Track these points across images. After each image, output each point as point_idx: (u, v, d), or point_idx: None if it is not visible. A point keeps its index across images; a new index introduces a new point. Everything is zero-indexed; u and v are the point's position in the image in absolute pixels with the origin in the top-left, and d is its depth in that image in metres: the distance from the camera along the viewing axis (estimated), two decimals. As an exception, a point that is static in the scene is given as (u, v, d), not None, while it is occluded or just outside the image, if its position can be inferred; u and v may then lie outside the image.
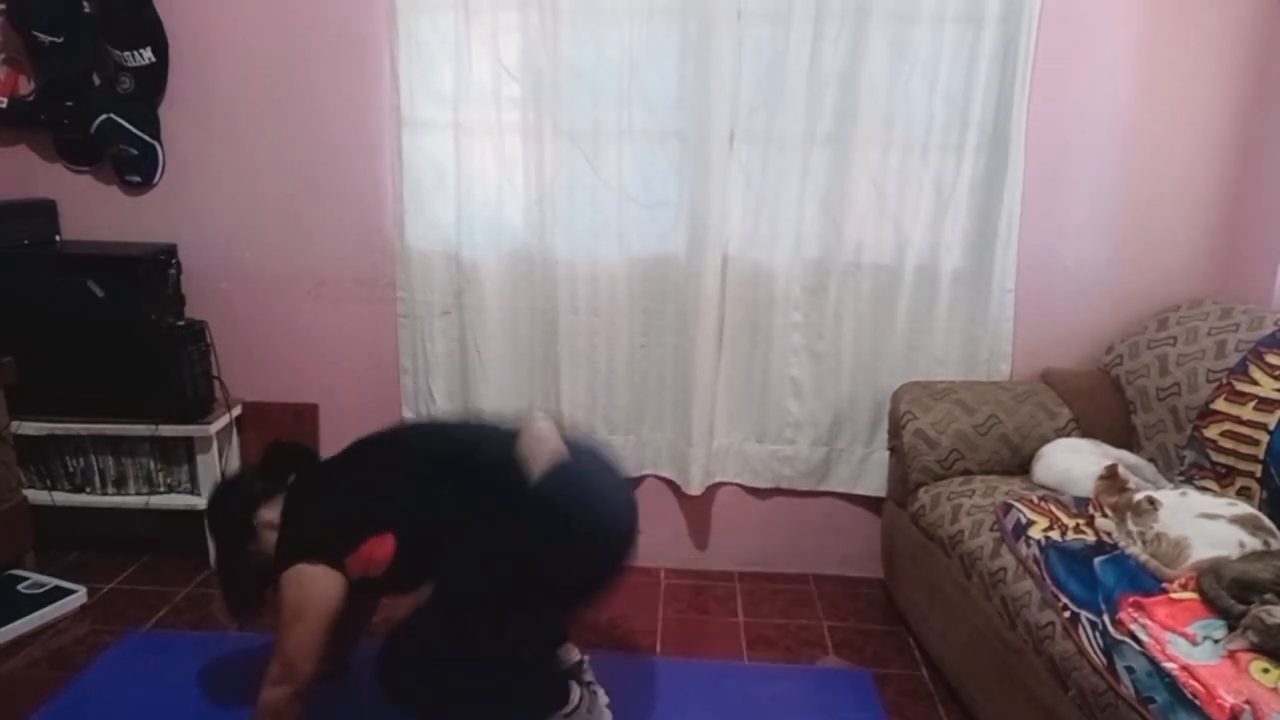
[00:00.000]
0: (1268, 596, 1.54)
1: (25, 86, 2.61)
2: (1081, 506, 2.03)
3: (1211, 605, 1.59)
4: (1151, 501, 1.85)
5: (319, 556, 1.74)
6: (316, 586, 1.72)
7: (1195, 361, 2.23)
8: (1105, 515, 1.93)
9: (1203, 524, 1.77)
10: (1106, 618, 1.62)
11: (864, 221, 2.55)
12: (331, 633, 1.74)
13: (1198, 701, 1.40)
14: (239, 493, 1.92)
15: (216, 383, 2.68)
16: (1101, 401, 2.43)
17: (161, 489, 2.69)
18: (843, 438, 2.70)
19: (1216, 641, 1.51)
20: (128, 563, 2.73)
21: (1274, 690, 1.39)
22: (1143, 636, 1.54)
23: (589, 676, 2.04)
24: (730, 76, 2.43)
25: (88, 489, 2.69)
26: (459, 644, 1.72)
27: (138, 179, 2.65)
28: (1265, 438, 1.96)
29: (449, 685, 1.74)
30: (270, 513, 1.84)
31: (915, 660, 2.37)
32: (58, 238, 2.68)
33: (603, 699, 2.03)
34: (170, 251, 2.64)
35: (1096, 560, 1.77)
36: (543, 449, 1.83)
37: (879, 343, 2.62)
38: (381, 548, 1.74)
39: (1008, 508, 2.03)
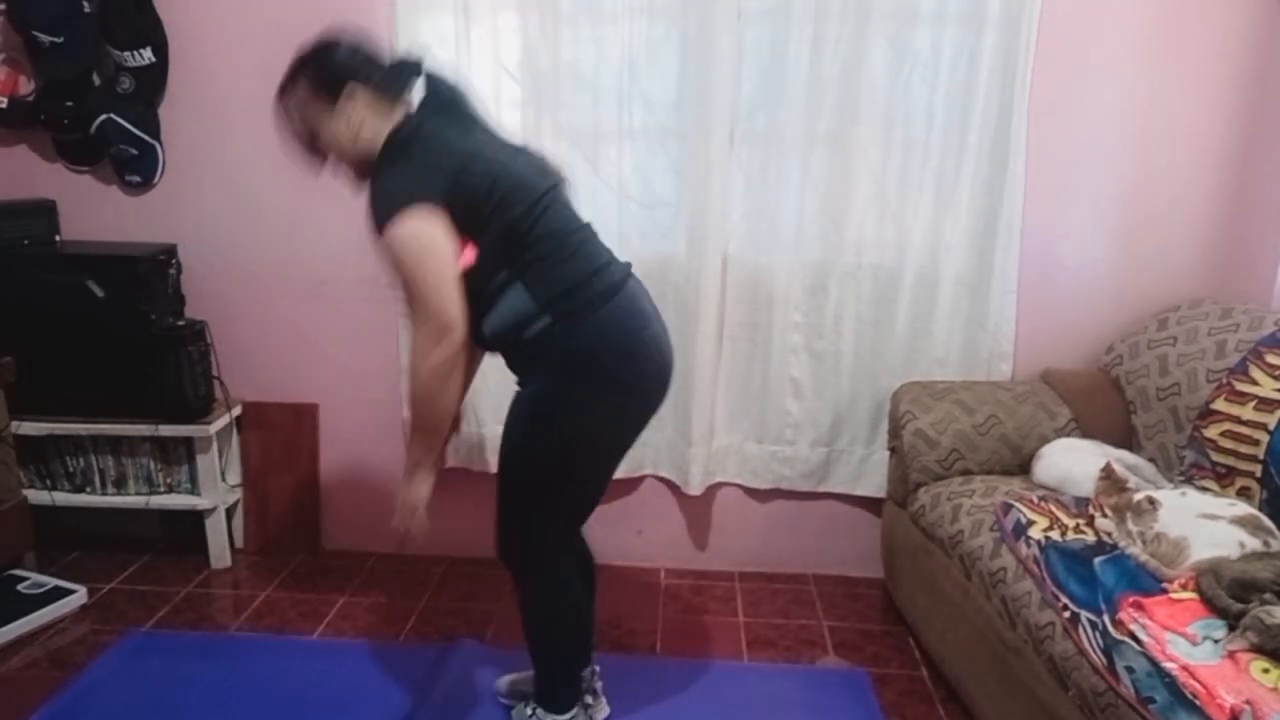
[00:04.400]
0: (1267, 596, 1.54)
1: (25, 86, 2.61)
2: (1081, 506, 2.03)
3: (1210, 605, 1.59)
4: (1151, 501, 1.85)
5: (429, 202, 1.59)
6: (437, 230, 1.60)
7: (1195, 361, 2.23)
8: (1105, 515, 1.93)
9: (1203, 524, 1.77)
10: (1106, 618, 1.62)
11: (864, 222, 2.55)
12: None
13: (1198, 701, 1.40)
14: (355, 56, 1.73)
15: (216, 383, 2.68)
16: (1101, 401, 2.43)
17: (161, 489, 2.70)
18: (843, 438, 2.70)
19: (1216, 641, 1.51)
20: (128, 563, 2.73)
21: (1274, 690, 1.39)
22: (1143, 636, 1.54)
23: (590, 696, 2.03)
24: (730, 76, 2.43)
25: (88, 489, 2.69)
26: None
27: (138, 179, 2.65)
28: (1265, 438, 1.96)
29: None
30: (365, 106, 1.69)
31: (915, 660, 2.37)
32: (58, 238, 2.68)
33: (603, 712, 2.04)
34: (170, 251, 2.64)
35: (1096, 560, 1.77)
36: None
37: (879, 343, 2.62)
38: (466, 253, 1.65)
39: (1008, 508, 2.03)
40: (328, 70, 1.70)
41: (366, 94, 1.70)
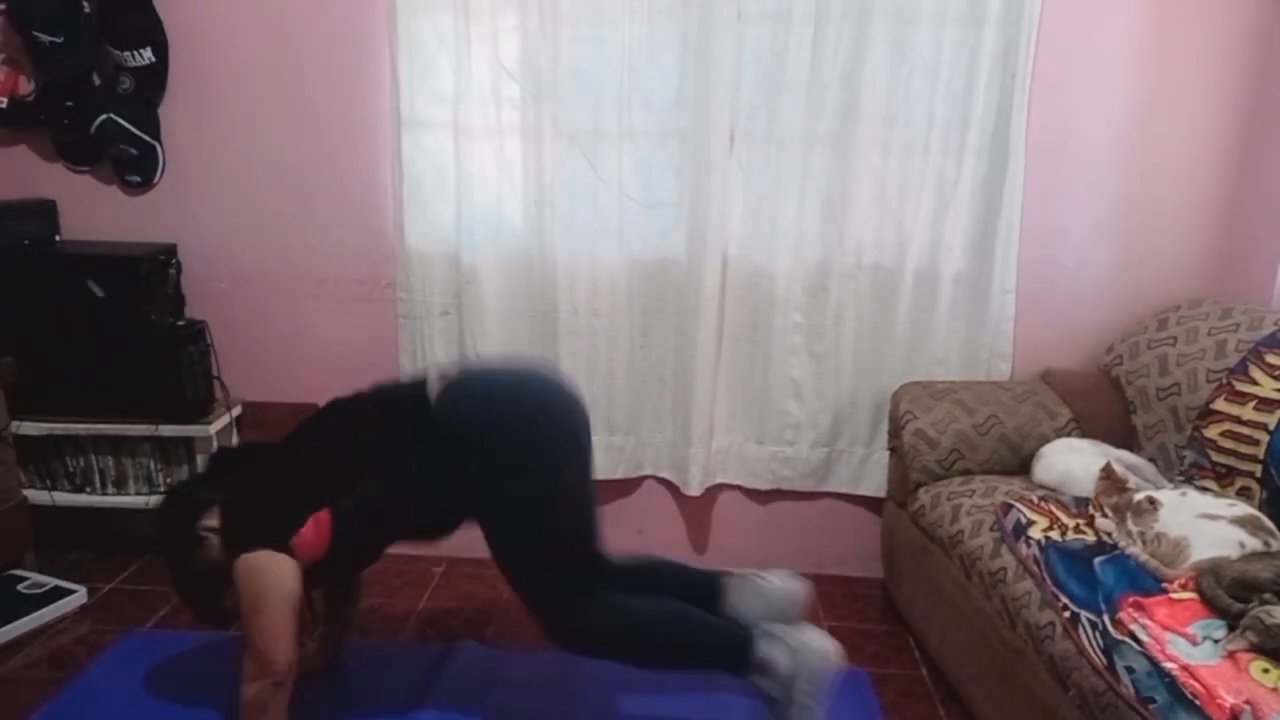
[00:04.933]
0: (1267, 596, 1.54)
1: (25, 86, 2.61)
2: (1081, 506, 2.03)
3: (1210, 605, 1.59)
4: (1151, 501, 1.85)
5: (264, 543, 1.72)
6: (268, 572, 1.71)
7: (1195, 361, 2.23)
8: (1105, 515, 1.93)
9: (1203, 524, 1.77)
10: (1106, 618, 1.62)
11: (864, 222, 2.55)
12: (298, 618, 1.73)
13: (1198, 701, 1.40)
14: (180, 503, 1.91)
15: (216, 383, 2.68)
16: (1101, 401, 2.43)
17: (161, 489, 2.69)
18: (843, 438, 2.70)
19: (1216, 641, 1.51)
20: (128, 563, 2.73)
21: (1274, 690, 1.39)
22: (1143, 636, 1.54)
23: (775, 631, 1.90)
24: (730, 76, 2.43)
25: (88, 489, 2.69)
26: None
27: (138, 179, 2.66)
28: (1265, 438, 1.96)
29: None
30: (215, 519, 1.82)
31: (915, 660, 2.37)
32: (58, 238, 2.68)
33: (799, 630, 1.90)
34: (170, 251, 2.64)
35: (1096, 560, 1.77)
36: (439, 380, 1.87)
37: (879, 343, 2.62)
38: (321, 525, 1.73)
39: (1008, 508, 2.03)
40: (178, 526, 1.86)
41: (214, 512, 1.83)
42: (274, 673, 1.69)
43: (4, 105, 2.57)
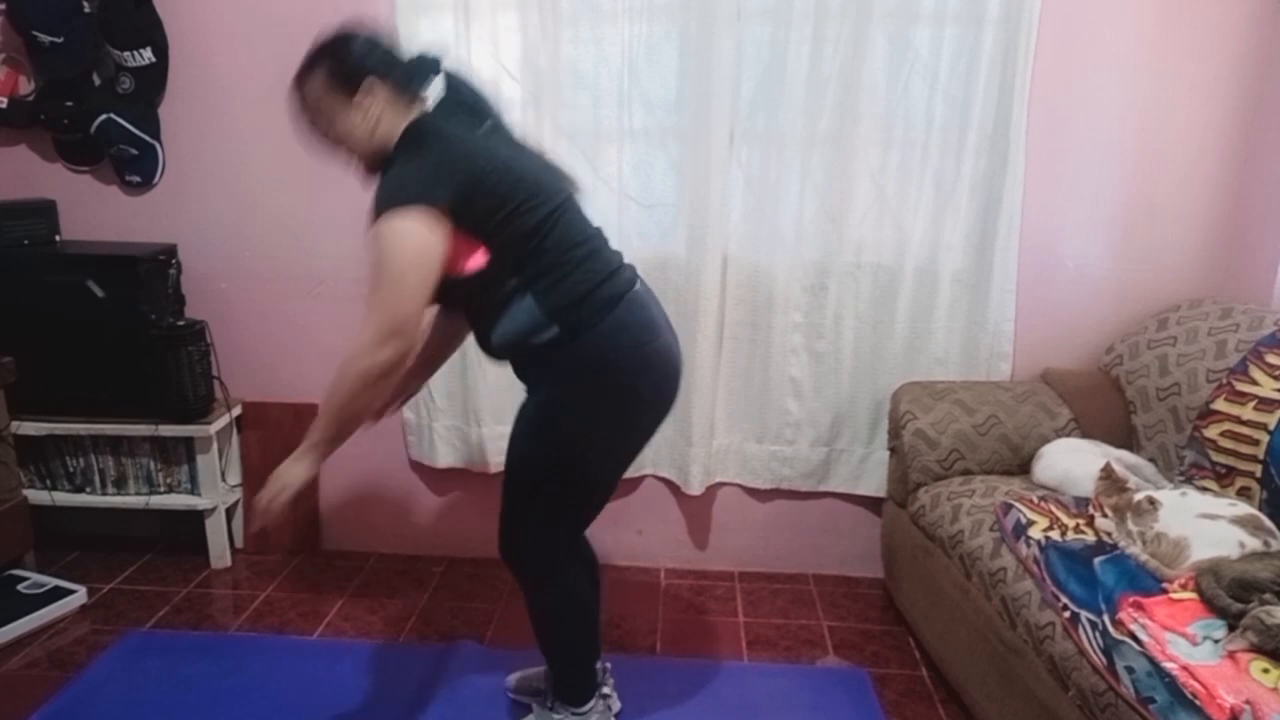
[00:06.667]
0: (1267, 596, 1.54)
1: (25, 86, 2.61)
2: (1081, 506, 2.03)
3: (1210, 605, 1.59)
4: (1151, 501, 1.85)
5: (435, 205, 1.56)
6: (432, 242, 1.57)
7: (1195, 361, 2.23)
8: (1105, 515, 1.93)
9: (1203, 524, 1.77)
10: (1106, 618, 1.62)
11: (864, 221, 2.55)
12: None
13: (1198, 701, 1.40)
14: (373, 49, 1.69)
15: (216, 383, 2.68)
16: (1101, 401, 2.43)
17: (161, 489, 2.70)
18: (843, 438, 2.70)
19: (1216, 641, 1.51)
20: (128, 563, 2.74)
21: (1274, 690, 1.39)
22: (1143, 636, 1.54)
23: (608, 687, 2.04)
24: (730, 76, 2.43)
25: (88, 489, 2.69)
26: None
27: (138, 179, 2.65)
28: (1265, 438, 1.96)
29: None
30: (383, 101, 1.66)
31: (915, 660, 2.37)
32: (58, 238, 2.68)
33: (615, 706, 2.04)
34: (170, 251, 2.64)
35: (1096, 560, 1.77)
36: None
37: (879, 343, 2.62)
38: (476, 257, 1.64)
39: (1008, 508, 2.03)
40: (347, 63, 1.67)
41: (385, 89, 1.67)
42: (407, 334, 1.59)
43: (4, 105, 2.57)
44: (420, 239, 1.57)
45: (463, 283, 1.67)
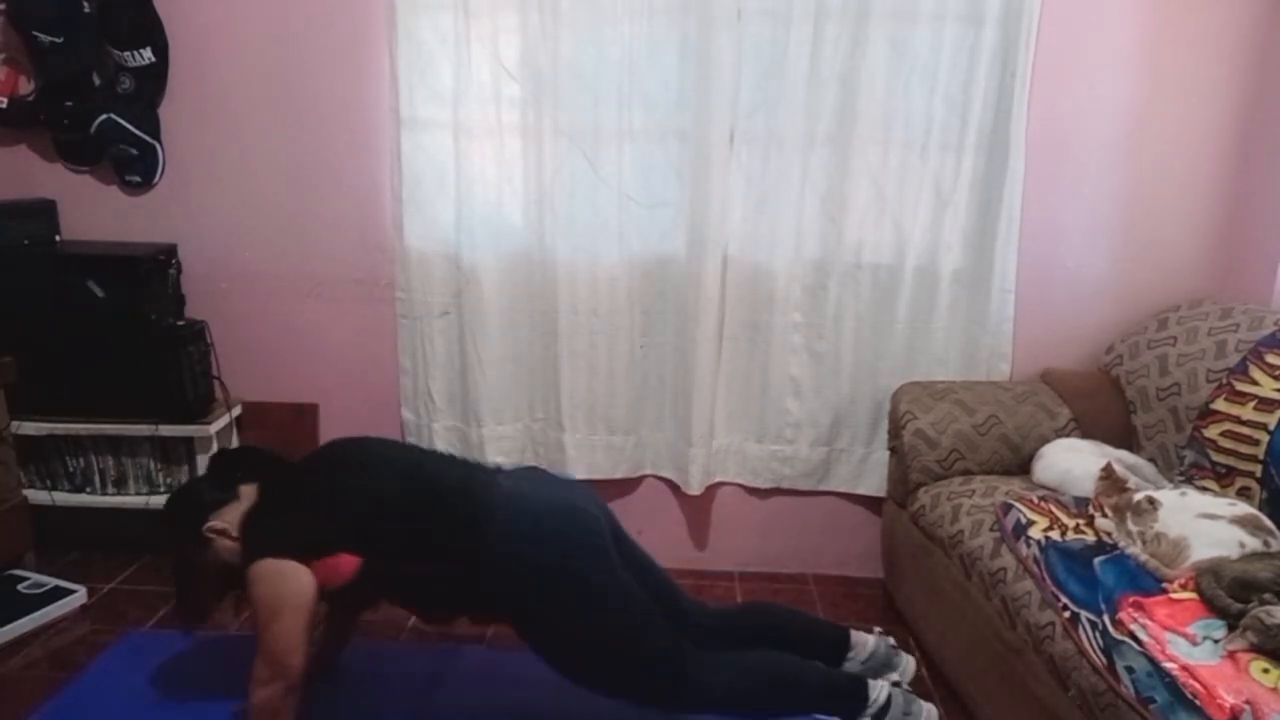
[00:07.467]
0: (1267, 596, 1.54)
1: (25, 86, 2.61)
2: (1081, 506, 2.03)
3: (1210, 605, 1.59)
4: (1151, 501, 1.85)
5: (290, 553, 1.73)
6: (293, 580, 1.72)
7: (1195, 361, 2.23)
8: (1105, 515, 1.93)
9: (1203, 524, 1.77)
10: (1106, 618, 1.62)
11: (864, 221, 2.55)
12: (312, 627, 1.74)
13: (1198, 701, 1.40)
14: (190, 502, 1.92)
15: (216, 383, 2.68)
16: (1101, 401, 2.43)
17: (161, 489, 2.69)
18: (843, 438, 2.70)
19: (1216, 641, 1.51)
20: (128, 563, 2.73)
21: (1274, 690, 1.39)
22: (1143, 636, 1.55)
23: (882, 675, 1.99)
24: (730, 76, 2.43)
25: (88, 489, 2.69)
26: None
27: (138, 179, 2.65)
28: (1265, 438, 1.96)
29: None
30: (222, 521, 1.84)
31: (915, 660, 2.36)
32: (58, 238, 2.67)
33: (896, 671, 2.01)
34: (170, 251, 2.64)
35: (1096, 560, 1.77)
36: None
37: (879, 343, 2.62)
38: (346, 566, 1.74)
39: (1008, 508, 2.03)
40: (185, 526, 1.87)
41: (221, 514, 1.85)
42: (289, 677, 1.70)
43: (4, 105, 2.57)
44: (292, 584, 1.73)
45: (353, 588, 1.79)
